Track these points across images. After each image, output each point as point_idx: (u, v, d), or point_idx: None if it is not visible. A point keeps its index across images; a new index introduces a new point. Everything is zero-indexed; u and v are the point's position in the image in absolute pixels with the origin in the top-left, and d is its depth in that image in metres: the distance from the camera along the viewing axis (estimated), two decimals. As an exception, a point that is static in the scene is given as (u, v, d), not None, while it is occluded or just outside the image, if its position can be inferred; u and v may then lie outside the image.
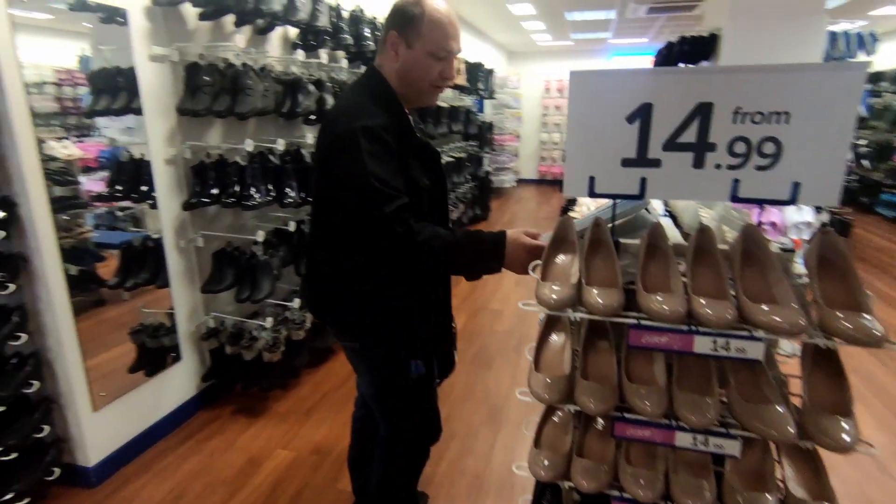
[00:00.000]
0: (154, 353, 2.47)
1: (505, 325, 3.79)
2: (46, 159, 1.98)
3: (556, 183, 10.34)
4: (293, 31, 3.04)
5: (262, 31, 2.79)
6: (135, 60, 2.19)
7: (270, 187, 2.58)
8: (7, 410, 1.84)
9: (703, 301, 0.89)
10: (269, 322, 2.65)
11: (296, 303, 2.80)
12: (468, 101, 6.54)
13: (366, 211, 1.20)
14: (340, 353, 3.17)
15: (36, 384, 1.92)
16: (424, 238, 1.20)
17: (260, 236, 2.55)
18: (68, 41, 2.20)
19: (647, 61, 9.00)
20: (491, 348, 3.42)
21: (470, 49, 7.02)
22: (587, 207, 1.77)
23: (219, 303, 2.71)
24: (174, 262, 2.46)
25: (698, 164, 1.02)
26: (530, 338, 3.51)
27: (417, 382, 1.45)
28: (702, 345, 0.87)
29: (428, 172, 1.35)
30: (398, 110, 1.33)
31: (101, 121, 2.47)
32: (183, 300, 2.54)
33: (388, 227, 1.18)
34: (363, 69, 1.39)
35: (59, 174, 2.14)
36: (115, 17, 2.15)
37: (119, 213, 2.84)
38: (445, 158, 5.57)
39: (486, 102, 8.42)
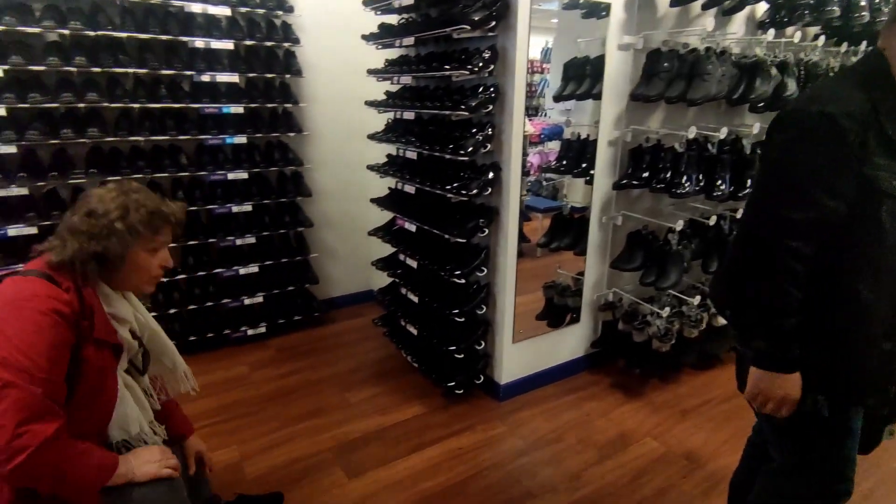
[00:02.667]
0: (558, 309, 2.82)
1: None
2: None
3: None
4: (761, 9, 2.75)
5: (729, 12, 2.63)
6: (607, 50, 2.41)
7: (701, 177, 2.49)
8: (464, 322, 2.46)
9: None
10: (665, 311, 2.62)
11: (696, 300, 2.67)
12: None
13: (760, 207, 1.14)
14: (729, 366, 2.88)
15: (483, 309, 2.49)
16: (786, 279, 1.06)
17: (679, 225, 2.52)
18: (538, 36, 2.62)
19: None
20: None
21: None
22: None
23: (621, 280, 2.85)
24: (594, 234, 2.70)
25: None
26: None
27: (816, 422, 1.21)
28: None
29: None
30: (892, 99, 1.10)
31: (547, 103, 2.88)
32: (592, 270, 2.78)
33: (763, 233, 1.11)
34: (844, 49, 1.20)
35: (517, 146, 2.63)
36: (597, 11, 2.41)
37: (544, 183, 3.31)
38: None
39: None
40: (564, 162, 2.71)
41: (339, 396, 2.65)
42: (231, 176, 2.90)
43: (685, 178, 2.42)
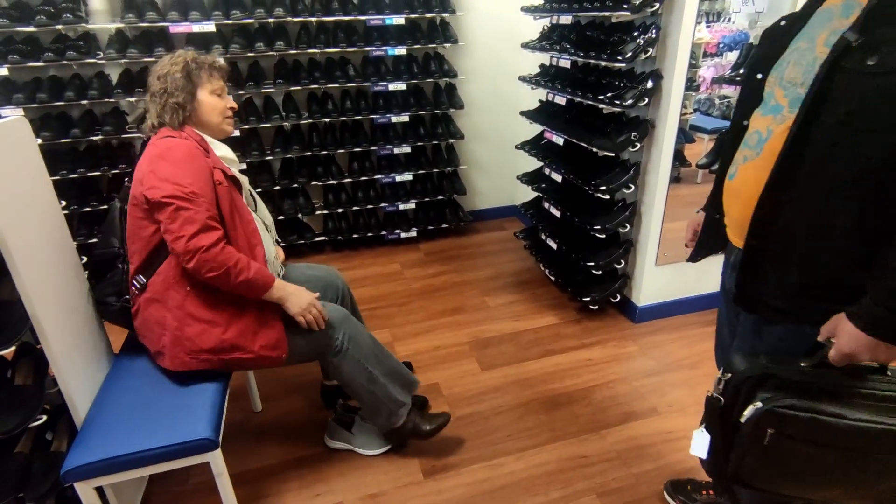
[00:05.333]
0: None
1: None
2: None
3: None
4: None
5: None
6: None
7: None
8: (605, 240, 2.43)
9: None
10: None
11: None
12: None
13: None
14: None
15: (627, 227, 2.43)
16: None
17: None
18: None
19: None
20: None
21: None
22: None
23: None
24: (768, 155, 2.40)
25: None
26: None
27: None
28: None
29: None
30: None
31: (734, 4, 2.48)
32: (760, 196, 2.49)
33: None
34: None
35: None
36: None
37: (717, 101, 2.94)
38: None
39: None
40: (742, 70, 2.39)
41: (478, 299, 2.86)
42: (392, 87, 3.09)
43: None
